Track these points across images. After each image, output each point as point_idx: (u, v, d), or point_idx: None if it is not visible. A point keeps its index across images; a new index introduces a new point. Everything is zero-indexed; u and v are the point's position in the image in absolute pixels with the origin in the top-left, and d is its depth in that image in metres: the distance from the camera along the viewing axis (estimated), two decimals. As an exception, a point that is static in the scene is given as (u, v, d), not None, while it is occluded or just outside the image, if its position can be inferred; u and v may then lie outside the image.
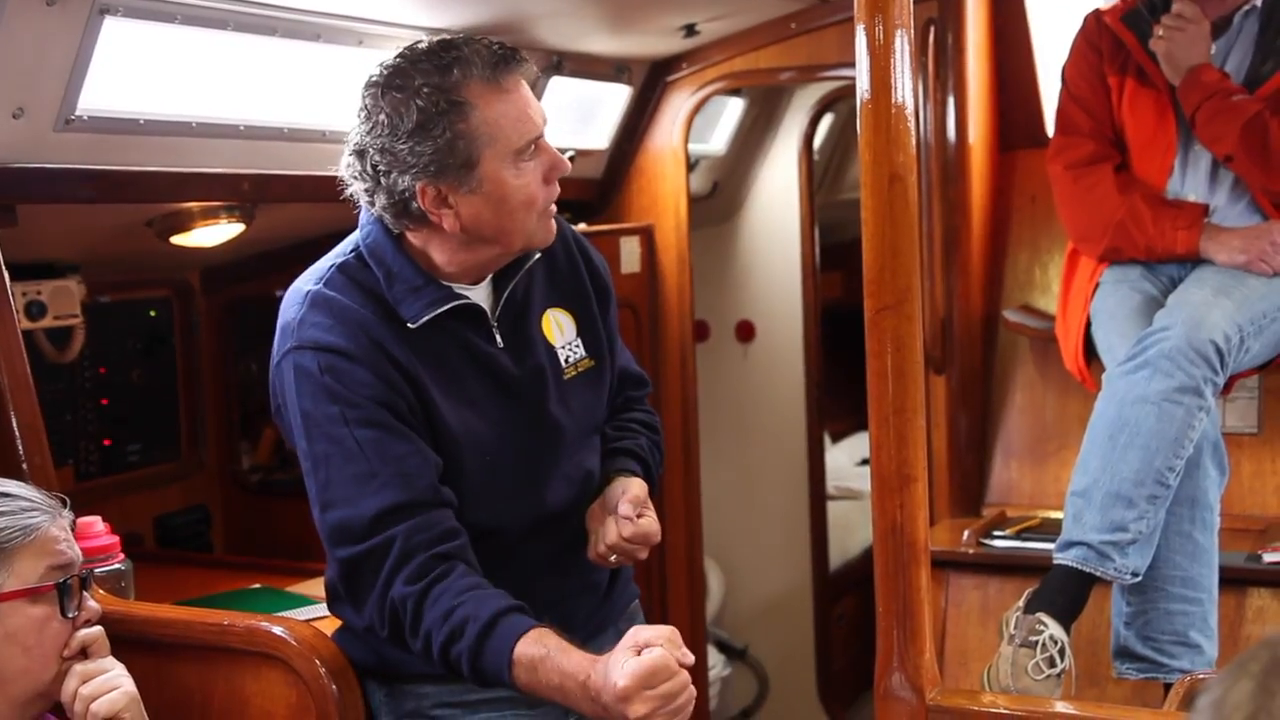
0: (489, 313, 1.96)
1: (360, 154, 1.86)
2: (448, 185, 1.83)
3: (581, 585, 2.07)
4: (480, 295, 1.97)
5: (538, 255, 2.01)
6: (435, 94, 1.80)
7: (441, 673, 1.88)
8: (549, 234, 1.95)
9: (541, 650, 1.74)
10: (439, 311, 1.90)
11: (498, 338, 1.96)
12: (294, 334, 1.88)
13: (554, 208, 1.94)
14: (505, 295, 1.97)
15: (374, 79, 1.86)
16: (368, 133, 1.84)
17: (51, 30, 2.20)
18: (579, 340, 2.05)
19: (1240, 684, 0.93)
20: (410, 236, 1.92)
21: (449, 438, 1.90)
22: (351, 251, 1.95)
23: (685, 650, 1.71)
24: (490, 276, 1.98)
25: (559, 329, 2.04)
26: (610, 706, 1.68)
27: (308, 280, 1.93)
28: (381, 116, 1.82)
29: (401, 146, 1.81)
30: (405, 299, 1.89)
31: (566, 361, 2.03)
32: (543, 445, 1.99)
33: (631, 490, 2.00)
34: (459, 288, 1.94)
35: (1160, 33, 2.88)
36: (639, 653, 1.68)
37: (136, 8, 2.29)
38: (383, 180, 1.84)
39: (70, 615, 1.75)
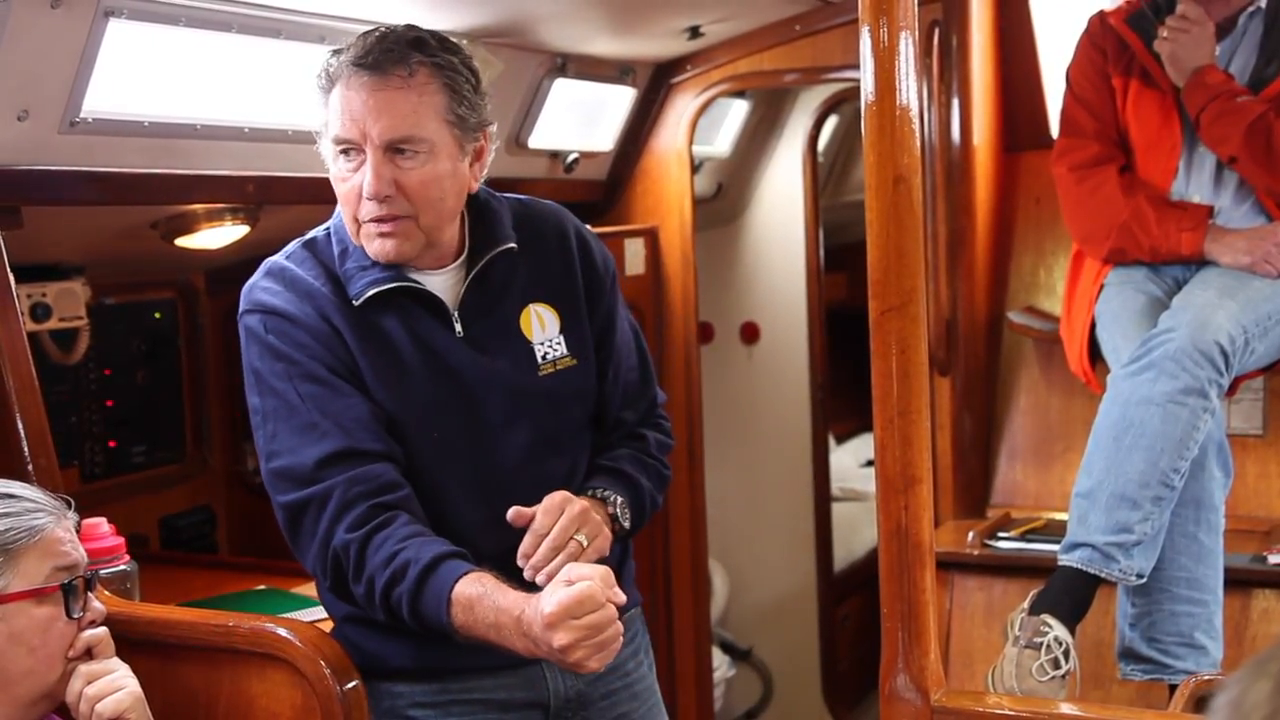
0: (449, 301, 1.97)
1: None
2: (322, 147, 1.94)
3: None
4: (440, 283, 1.97)
5: (510, 245, 1.99)
6: (328, 61, 1.92)
7: (421, 669, 1.91)
8: (375, 253, 1.91)
9: (479, 589, 1.76)
10: (382, 289, 1.92)
11: (458, 326, 1.96)
12: (246, 298, 1.97)
13: (381, 230, 1.89)
14: (467, 284, 1.97)
15: None
16: None
17: (56, 32, 2.20)
18: (561, 338, 2.02)
19: (1259, 684, 0.93)
20: None
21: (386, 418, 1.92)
22: (323, 230, 2.02)
23: (617, 590, 1.72)
24: (460, 263, 1.99)
25: (540, 324, 2.02)
26: (539, 638, 1.69)
27: (277, 255, 2.01)
28: None
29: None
30: (354, 276, 1.94)
31: (544, 359, 2.00)
32: (499, 439, 1.97)
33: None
34: (415, 273, 1.95)
35: (1164, 34, 2.87)
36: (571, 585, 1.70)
37: (141, 10, 2.30)
38: None
39: (75, 616, 1.76)
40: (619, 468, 2.06)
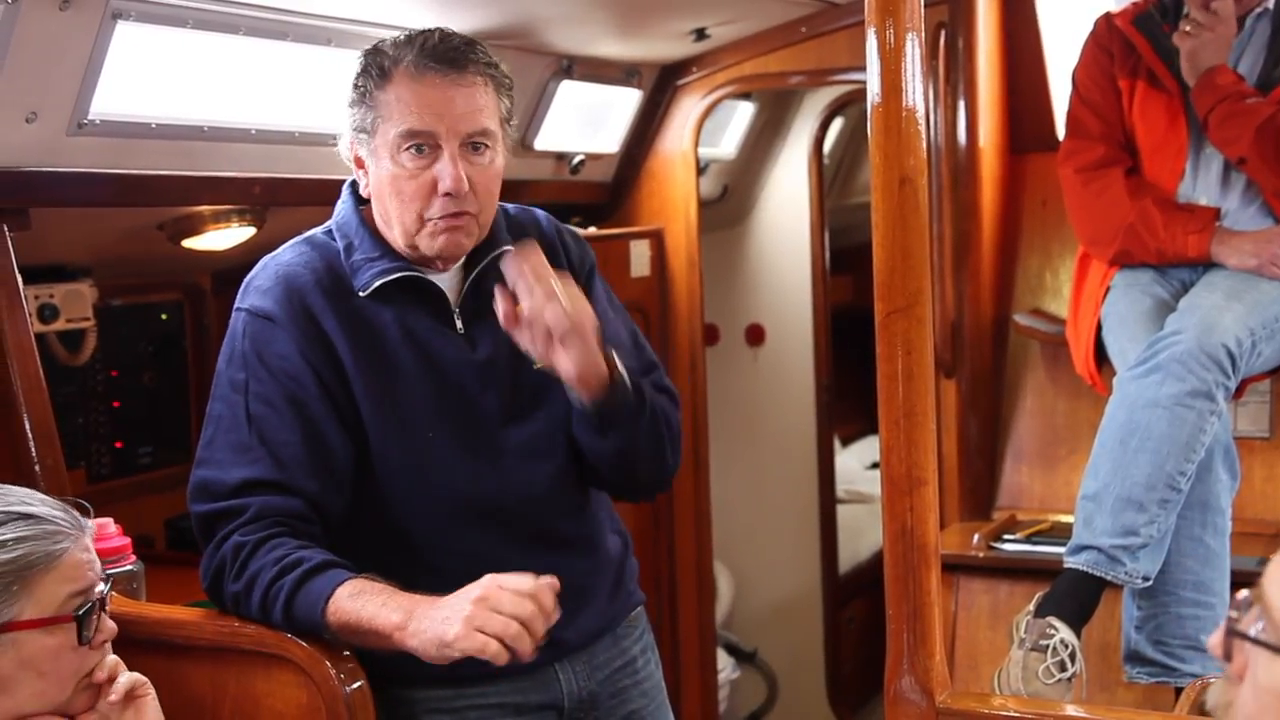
0: (451, 297, 1.99)
1: None
2: (360, 144, 1.94)
3: (572, 589, 1.93)
4: (446, 280, 2.00)
5: (507, 248, 1.98)
6: (375, 59, 1.91)
7: (435, 675, 1.88)
8: (441, 249, 1.93)
9: (373, 585, 1.77)
10: (389, 280, 1.93)
11: (458, 323, 1.98)
12: (242, 294, 1.99)
13: (451, 224, 1.91)
14: (469, 281, 1.99)
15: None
16: None
17: (64, 34, 2.21)
18: None
19: None
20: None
21: (373, 414, 1.92)
22: (323, 229, 2.04)
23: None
24: (462, 263, 2.00)
25: None
26: (429, 612, 1.70)
27: (277, 250, 2.03)
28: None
29: (349, 103, 1.95)
30: (361, 267, 1.95)
31: None
32: (496, 433, 1.97)
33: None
34: (422, 270, 1.97)
35: (1188, 28, 2.84)
36: None
37: (149, 12, 2.31)
38: (340, 138, 1.99)
39: (86, 643, 1.71)
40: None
